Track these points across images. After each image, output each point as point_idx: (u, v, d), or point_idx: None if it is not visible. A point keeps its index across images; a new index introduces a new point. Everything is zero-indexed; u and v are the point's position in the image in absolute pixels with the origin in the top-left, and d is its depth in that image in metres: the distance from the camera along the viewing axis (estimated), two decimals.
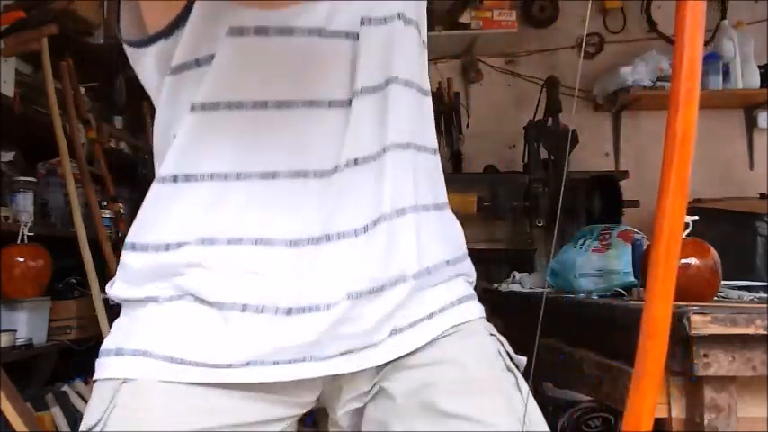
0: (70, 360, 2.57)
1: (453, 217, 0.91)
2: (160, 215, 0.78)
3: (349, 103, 0.76)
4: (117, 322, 0.83)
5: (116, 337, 0.81)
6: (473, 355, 0.83)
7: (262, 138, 0.76)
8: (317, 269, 0.75)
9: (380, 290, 0.78)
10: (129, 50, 0.84)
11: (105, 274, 2.62)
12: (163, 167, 0.77)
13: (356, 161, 0.77)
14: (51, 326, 2.50)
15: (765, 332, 1.07)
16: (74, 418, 2.40)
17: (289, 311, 0.75)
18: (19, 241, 2.31)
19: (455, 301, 0.86)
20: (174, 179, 0.77)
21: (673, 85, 0.42)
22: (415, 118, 0.84)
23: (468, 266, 0.91)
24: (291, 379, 0.76)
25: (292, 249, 0.75)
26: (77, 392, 2.49)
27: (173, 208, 0.77)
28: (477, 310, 0.89)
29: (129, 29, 0.82)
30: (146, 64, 0.82)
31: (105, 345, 0.82)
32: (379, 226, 0.78)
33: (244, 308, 0.75)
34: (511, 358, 0.85)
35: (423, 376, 0.81)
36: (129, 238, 0.80)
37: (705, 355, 1.09)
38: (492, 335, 0.87)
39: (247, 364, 0.75)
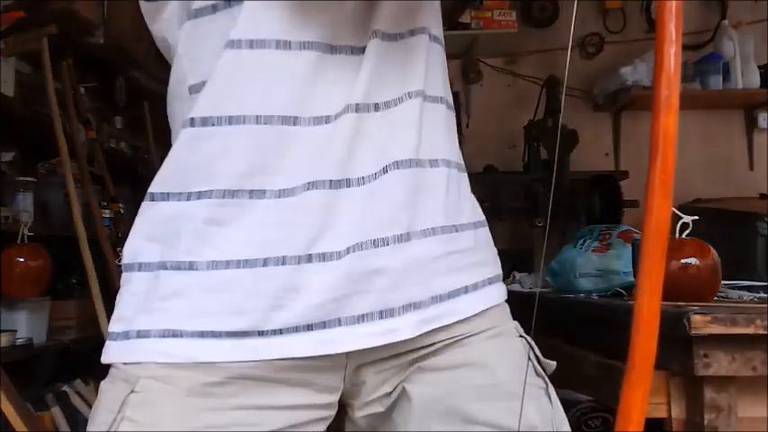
0: (70, 360, 2.57)
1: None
2: (186, 162, 0.74)
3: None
4: (129, 295, 0.76)
5: (133, 313, 0.74)
6: (503, 359, 0.80)
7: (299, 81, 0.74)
8: (338, 213, 0.72)
9: (407, 238, 0.75)
10: (144, 6, 0.81)
11: (105, 274, 2.62)
12: (193, 111, 0.74)
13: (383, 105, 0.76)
14: (51, 326, 2.50)
15: (765, 332, 1.07)
16: (74, 418, 2.40)
17: (309, 259, 0.71)
18: (19, 241, 2.31)
19: (486, 281, 0.83)
20: (204, 123, 0.73)
21: (655, 88, 0.43)
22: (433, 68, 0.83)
23: (488, 236, 0.88)
24: (326, 348, 0.72)
25: (311, 192, 0.72)
26: (77, 392, 2.49)
27: (198, 153, 0.73)
28: (504, 291, 0.86)
29: None
30: (162, 17, 0.79)
31: (119, 326, 0.75)
32: (407, 170, 0.76)
33: (265, 262, 0.71)
34: (540, 362, 0.83)
35: (450, 380, 0.78)
36: (150, 189, 0.77)
37: (705, 355, 1.09)
38: (521, 336, 0.84)
39: (280, 332, 0.71)
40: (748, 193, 2.99)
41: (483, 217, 0.88)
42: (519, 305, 0.90)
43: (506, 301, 0.87)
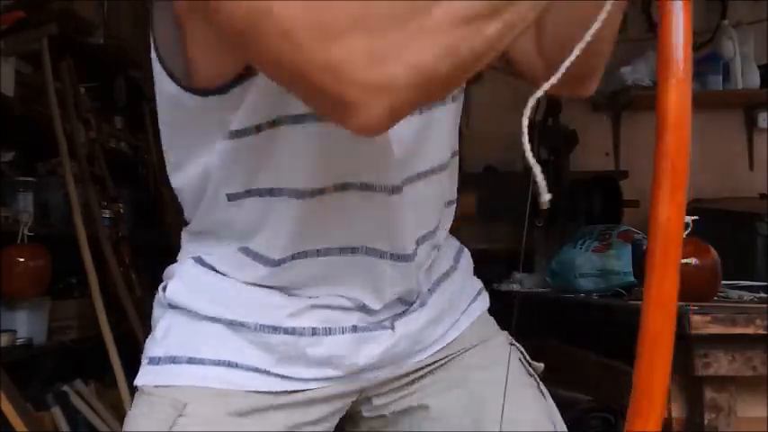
0: (70, 360, 2.57)
1: None
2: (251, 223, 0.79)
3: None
4: (178, 326, 0.83)
5: (177, 342, 0.82)
6: (499, 363, 0.87)
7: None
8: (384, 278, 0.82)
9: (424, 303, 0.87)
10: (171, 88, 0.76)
11: (105, 275, 2.62)
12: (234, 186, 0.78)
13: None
14: (51, 326, 2.50)
15: (765, 332, 1.07)
16: (74, 418, 2.40)
17: (354, 329, 0.82)
18: (19, 241, 2.31)
19: (471, 301, 0.95)
20: (248, 193, 0.77)
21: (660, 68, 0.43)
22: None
23: (468, 260, 0.98)
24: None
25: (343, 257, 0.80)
26: (77, 392, 2.49)
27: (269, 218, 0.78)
28: (486, 301, 0.98)
29: (174, 68, 0.75)
30: (185, 105, 0.75)
31: (159, 351, 0.81)
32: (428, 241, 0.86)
33: (314, 331, 0.80)
34: (530, 364, 0.92)
35: (457, 382, 0.88)
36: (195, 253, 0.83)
37: (705, 355, 1.09)
38: (512, 344, 0.93)
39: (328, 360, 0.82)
40: (748, 193, 2.99)
41: (458, 243, 0.99)
42: (519, 305, 0.91)
43: (505, 301, 0.92)
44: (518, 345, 0.93)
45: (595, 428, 2.17)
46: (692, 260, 1.32)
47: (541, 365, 0.92)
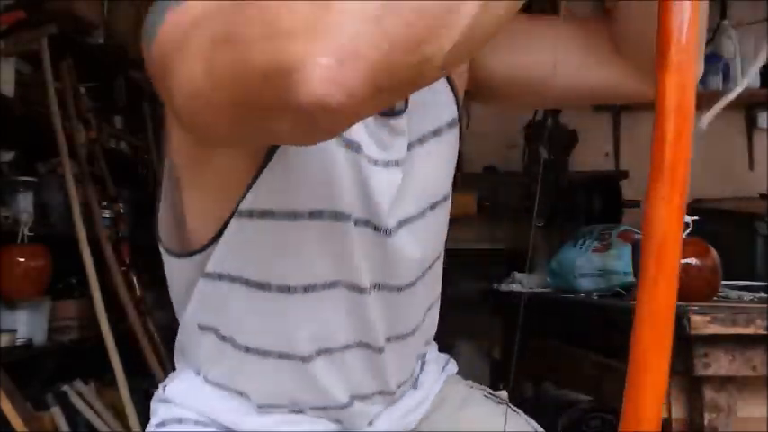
0: (70, 360, 2.57)
1: None
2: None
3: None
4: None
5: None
6: (468, 400, 0.98)
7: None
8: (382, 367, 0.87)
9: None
10: (164, 256, 0.87)
11: (105, 275, 2.62)
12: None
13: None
14: (51, 326, 2.50)
15: (765, 332, 1.07)
16: (74, 418, 2.40)
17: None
18: (19, 241, 2.31)
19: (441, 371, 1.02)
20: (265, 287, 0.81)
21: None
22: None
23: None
24: None
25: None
26: (77, 392, 2.49)
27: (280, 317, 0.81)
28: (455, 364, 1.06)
29: (170, 240, 0.85)
30: (175, 268, 0.86)
31: None
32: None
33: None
34: (496, 396, 0.99)
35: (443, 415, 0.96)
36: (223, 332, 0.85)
37: (705, 355, 1.09)
38: (472, 387, 1.02)
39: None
40: (748, 193, 2.99)
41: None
42: (519, 305, 0.91)
43: (506, 301, 0.94)
44: (477, 385, 1.02)
45: (595, 428, 2.17)
46: (692, 260, 1.32)
47: (505, 392, 1.01)
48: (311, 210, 0.74)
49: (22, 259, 2.31)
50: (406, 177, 0.80)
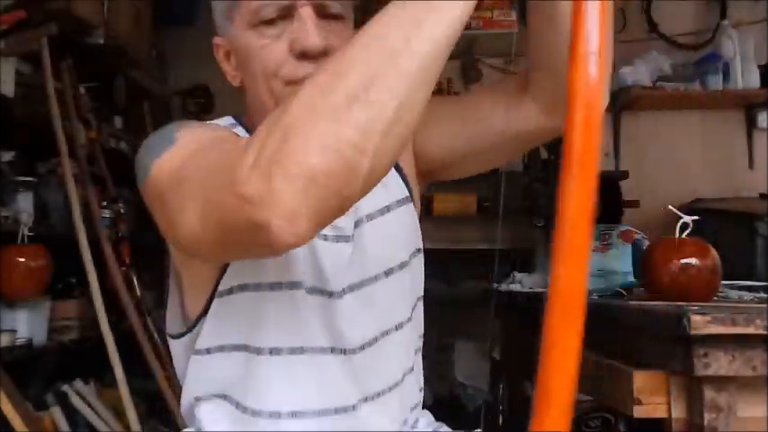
0: (70, 360, 2.57)
1: None
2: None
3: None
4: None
5: None
6: None
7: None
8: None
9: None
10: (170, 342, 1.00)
11: (105, 275, 2.62)
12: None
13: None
14: (51, 326, 2.50)
15: (765, 332, 1.07)
16: (74, 418, 2.40)
17: None
18: (19, 241, 2.31)
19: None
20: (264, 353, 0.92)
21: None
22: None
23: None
24: None
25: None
26: (77, 392, 2.49)
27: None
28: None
29: (173, 325, 0.98)
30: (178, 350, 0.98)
31: None
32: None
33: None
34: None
35: None
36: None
37: (705, 355, 1.09)
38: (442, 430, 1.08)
39: None
40: (748, 193, 2.99)
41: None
42: (519, 305, 0.90)
43: (506, 301, 0.95)
44: (443, 425, 1.07)
45: (595, 428, 2.17)
46: (692, 260, 1.32)
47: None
48: (271, 282, 0.88)
49: (22, 259, 2.31)
50: (356, 249, 0.93)
